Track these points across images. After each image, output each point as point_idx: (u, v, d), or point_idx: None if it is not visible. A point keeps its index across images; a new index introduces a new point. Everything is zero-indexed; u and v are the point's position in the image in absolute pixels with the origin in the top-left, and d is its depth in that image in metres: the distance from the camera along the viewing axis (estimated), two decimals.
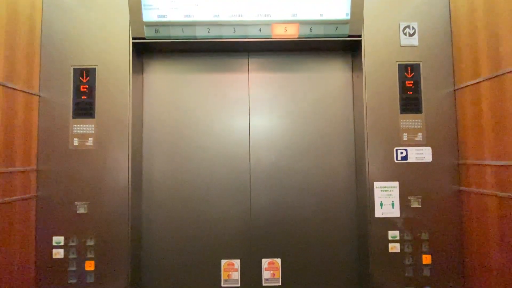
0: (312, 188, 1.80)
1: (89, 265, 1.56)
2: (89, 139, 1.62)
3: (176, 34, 1.62)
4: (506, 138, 1.36)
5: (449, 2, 1.69)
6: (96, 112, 1.63)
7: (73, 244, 1.58)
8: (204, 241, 1.77)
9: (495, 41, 1.41)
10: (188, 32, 1.62)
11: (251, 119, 1.82)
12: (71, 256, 1.57)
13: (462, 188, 1.62)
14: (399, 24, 1.68)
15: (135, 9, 1.58)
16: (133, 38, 1.65)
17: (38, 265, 1.56)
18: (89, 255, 1.58)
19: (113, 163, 1.62)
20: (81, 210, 1.59)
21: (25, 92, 1.53)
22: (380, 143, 1.65)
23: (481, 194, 1.49)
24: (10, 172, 1.44)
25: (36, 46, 1.62)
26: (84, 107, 1.63)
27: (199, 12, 1.60)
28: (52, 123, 1.62)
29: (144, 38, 1.64)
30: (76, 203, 1.59)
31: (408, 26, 1.67)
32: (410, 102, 1.66)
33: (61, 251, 1.57)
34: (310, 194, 1.80)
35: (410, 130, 1.66)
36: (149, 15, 1.59)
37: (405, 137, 1.66)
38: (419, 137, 1.66)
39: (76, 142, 1.62)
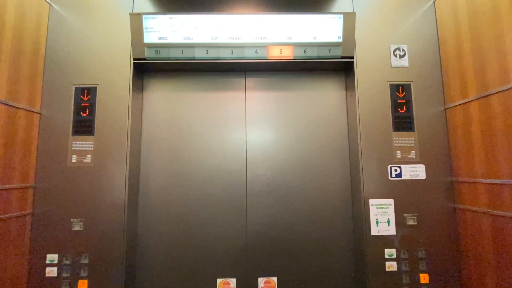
0: (308, 205, 1.80)
1: (82, 285, 1.54)
2: (88, 156, 1.64)
3: (176, 55, 1.68)
4: (496, 157, 1.39)
5: (436, 27, 1.77)
6: (95, 129, 1.66)
7: (67, 262, 1.56)
8: (199, 259, 1.75)
9: (481, 64, 1.47)
10: (187, 53, 1.68)
11: (248, 136, 1.86)
12: (64, 274, 1.55)
13: (457, 205, 1.63)
14: (389, 46, 1.75)
15: (137, 32, 1.66)
16: (134, 59, 1.71)
17: (31, 284, 1.54)
18: (82, 274, 1.56)
19: (110, 180, 1.63)
20: (76, 227, 1.58)
21: (27, 110, 1.57)
22: (374, 161, 1.68)
23: (475, 212, 1.50)
24: (8, 189, 1.45)
25: (40, 66, 1.67)
26: (84, 125, 1.66)
27: (198, 34, 1.67)
28: (51, 140, 1.65)
29: (144, 59, 1.70)
30: (72, 220, 1.59)
31: (398, 48, 1.75)
32: (403, 121, 1.70)
33: (55, 269, 1.55)
34: (307, 211, 1.80)
35: (404, 147, 1.69)
36: (150, 37, 1.66)
37: (398, 154, 1.69)
38: (412, 154, 1.69)
39: (74, 159, 1.64)
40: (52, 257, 1.56)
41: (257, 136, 1.86)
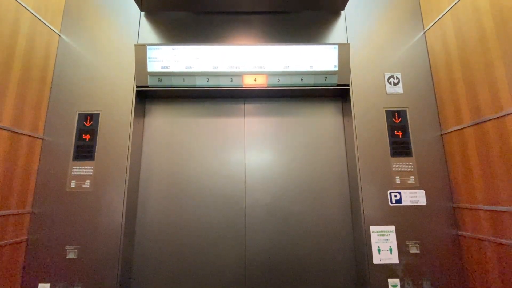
0: (309, 232, 1.77)
1: None
2: (87, 181, 1.64)
3: (178, 83, 1.74)
4: (495, 184, 1.38)
5: (428, 56, 1.84)
6: (96, 154, 1.68)
7: None
8: (197, 287, 1.69)
9: (473, 91, 1.51)
10: (188, 81, 1.74)
11: (246, 161, 1.87)
12: None
13: (460, 232, 1.59)
14: (384, 74, 1.81)
15: (141, 62, 1.73)
16: (137, 86, 1.77)
17: None
18: None
19: (108, 206, 1.62)
20: (71, 255, 1.55)
21: (30, 136, 1.60)
22: (373, 186, 1.67)
23: (480, 239, 1.47)
24: (5, 215, 1.44)
25: (46, 93, 1.73)
26: (85, 150, 1.68)
27: (200, 64, 1.74)
28: (52, 165, 1.66)
29: (147, 86, 1.76)
30: (67, 247, 1.56)
31: (392, 76, 1.81)
32: (400, 146, 1.72)
33: None
34: (307, 238, 1.76)
35: (403, 173, 1.69)
36: (153, 66, 1.73)
37: (397, 180, 1.68)
38: (412, 180, 1.68)
39: (73, 184, 1.64)
40: (44, 287, 1.51)
41: (256, 161, 1.87)
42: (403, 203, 1.65)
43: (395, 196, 1.66)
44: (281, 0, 1.78)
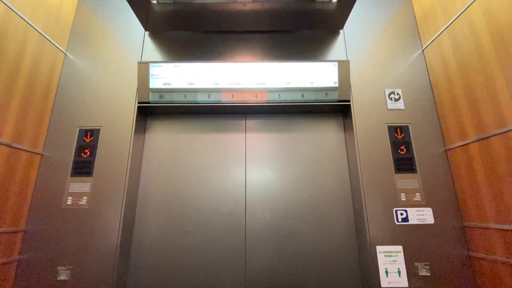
0: (312, 252, 1.69)
1: None
2: (84, 198, 1.61)
3: (179, 99, 1.76)
4: (505, 201, 1.33)
5: (428, 72, 1.86)
6: (94, 170, 1.66)
7: None
8: None
9: (476, 107, 1.50)
10: (190, 97, 1.75)
11: (247, 178, 1.83)
12: None
13: (472, 253, 1.51)
14: (384, 90, 1.82)
15: (144, 78, 1.76)
16: (139, 102, 1.78)
17: None
18: None
19: (104, 223, 1.57)
20: (62, 277, 1.47)
21: (29, 151, 1.59)
22: (378, 203, 1.61)
23: (492, 261, 1.39)
24: None
25: (48, 109, 1.74)
26: (83, 166, 1.66)
27: (201, 80, 1.76)
28: (49, 181, 1.63)
29: (149, 102, 1.77)
30: (58, 268, 1.49)
31: (393, 92, 1.81)
32: (404, 162, 1.68)
33: None
34: (310, 258, 1.68)
35: (408, 190, 1.64)
36: (155, 83, 1.76)
37: (403, 197, 1.63)
38: (418, 197, 1.63)
39: (69, 201, 1.60)
40: None
41: (257, 178, 1.83)
42: (410, 222, 1.58)
43: (401, 214, 1.60)
44: (281, 20, 1.83)
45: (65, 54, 1.88)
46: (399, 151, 1.70)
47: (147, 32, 1.96)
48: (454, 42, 1.64)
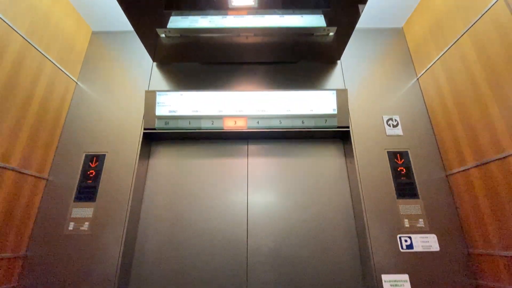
0: (315, 279, 1.64)
1: None
2: (85, 223, 1.61)
3: (184, 125, 1.81)
4: (509, 227, 1.32)
5: (424, 100, 1.92)
6: (97, 196, 1.67)
7: None
8: None
9: (473, 133, 1.54)
10: (194, 124, 1.81)
11: (249, 204, 1.83)
12: None
13: (480, 282, 1.47)
14: (382, 117, 1.88)
15: (150, 106, 1.83)
16: (145, 129, 1.84)
17: None
18: None
19: (104, 250, 1.55)
20: None
21: (35, 176, 1.62)
22: (382, 229, 1.60)
23: None
24: None
25: (56, 135, 1.80)
26: (87, 191, 1.68)
27: (205, 108, 1.83)
28: (52, 206, 1.65)
29: (154, 129, 1.83)
30: None
31: (391, 119, 1.87)
32: (406, 188, 1.69)
33: None
34: (313, 286, 1.63)
35: (411, 215, 1.63)
36: (161, 110, 1.83)
37: (406, 223, 1.62)
38: (421, 223, 1.61)
39: (71, 226, 1.60)
40: None
41: (258, 203, 1.83)
42: (415, 249, 1.56)
43: (406, 241, 1.58)
44: (281, 52, 1.94)
45: (76, 83, 1.98)
46: (400, 176, 1.72)
47: (155, 63, 2.07)
48: (447, 71, 1.72)
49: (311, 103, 1.83)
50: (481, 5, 1.47)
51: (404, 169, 1.73)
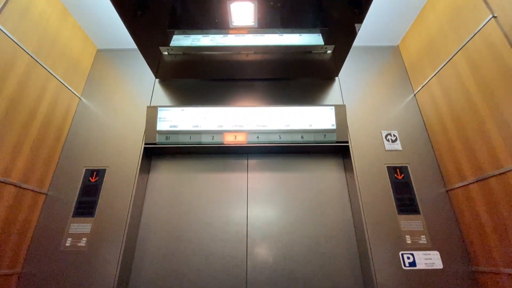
0: None
1: None
2: (83, 239, 1.59)
3: (184, 140, 1.83)
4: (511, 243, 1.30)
5: (421, 115, 1.95)
6: (96, 211, 1.66)
7: None
8: None
9: (471, 148, 1.55)
10: (194, 139, 1.83)
11: (249, 219, 1.81)
12: None
13: None
14: (381, 132, 1.89)
15: (152, 121, 1.86)
16: (146, 144, 1.85)
17: None
18: None
19: (101, 267, 1.52)
20: None
21: (34, 191, 1.62)
22: (383, 246, 1.57)
23: None
24: None
25: (58, 150, 1.81)
26: (86, 206, 1.67)
27: (206, 123, 1.86)
28: (50, 222, 1.63)
29: (155, 144, 1.85)
30: None
31: (390, 134, 1.88)
32: (406, 203, 1.68)
33: None
34: None
35: (413, 232, 1.61)
36: (162, 126, 1.85)
37: (408, 239, 1.59)
38: (423, 239, 1.59)
39: (68, 242, 1.58)
40: None
41: (258, 219, 1.81)
42: (418, 266, 1.53)
43: (408, 258, 1.55)
44: (280, 69, 1.99)
45: (80, 98, 2.02)
46: (400, 191, 1.71)
47: (157, 79, 2.12)
48: (443, 88, 1.75)
49: (310, 118, 1.86)
50: (472, 25, 1.52)
51: (404, 184, 1.73)
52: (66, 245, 1.57)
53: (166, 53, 1.81)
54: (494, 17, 1.39)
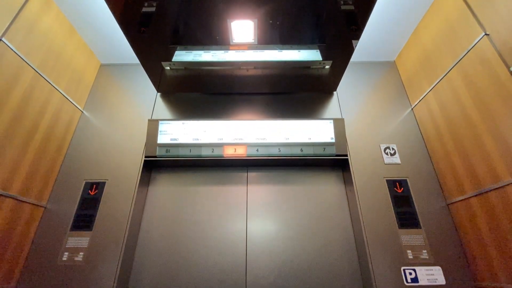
0: None
1: None
2: (80, 253, 1.56)
3: (184, 153, 1.84)
4: None
5: (419, 129, 1.97)
6: (94, 224, 1.65)
7: None
8: None
9: (469, 162, 1.56)
10: (195, 152, 1.84)
11: (248, 234, 1.79)
12: None
13: None
14: (379, 145, 1.91)
15: (152, 134, 1.88)
16: (146, 156, 1.86)
17: None
18: None
19: (97, 283, 1.49)
20: None
21: (33, 204, 1.61)
22: (385, 262, 1.55)
23: None
24: None
25: (58, 163, 1.82)
26: (85, 219, 1.66)
27: (206, 136, 1.87)
28: (48, 235, 1.62)
29: (155, 156, 1.85)
30: None
31: (388, 147, 1.90)
32: (407, 217, 1.67)
33: None
34: None
35: (414, 246, 1.59)
36: (162, 139, 1.87)
37: (410, 254, 1.57)
38: (425, 254, 1.57)
39: (65, 257, 1.56)
40: None
41: (258, 233, 1.80)
42: (420, 282, 1.50)
43: (410, 273, 1.52)
44: (280, 83, 2.03)
45: (82, 112, 2.05)
46: (401, 205, 1.70)
47: (159, 93, 2.16)
48: (440, 102, 1.78)
49: (309, 132, 1.88)
50: (466, 42, 1.57)
51: (404, 198, 1.72)
52: (63, 260, 1.55)
53: (168, 68, 1.85)
54: (486, 34, 1.44)
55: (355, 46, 1.68)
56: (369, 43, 2.11)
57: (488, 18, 1.44)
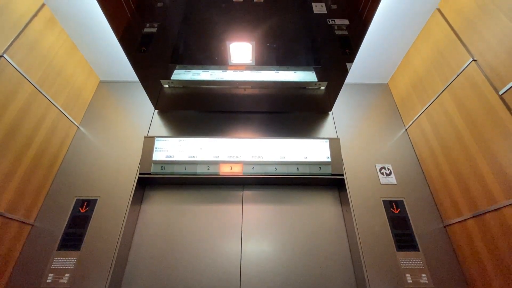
0: None
1: None
2: (66, 275, 1.49)
3: (179, 170, 1.82)
4: None
5: (414, 150, 1.99)
6: (83, 244, 1.58)
7: None
8: None
9: (463, 183, 1.56)
10: (190, 169, 1.83)
11: (243, 254, 1.73)
12: None
13: None
14: (375, 165, 1.92)
15: (148, 151, 1.86)
16: (140, 173, 1.83)
17: None
18: None
19: None
20: None
21: (20, 221, 1.56)
22: (383, 287, 1.50)
23: None
24: None
25: (50, 179, 1.78)
26: (73, 238, 1.60)
27: (202, 153, 1.87)
28: (32, 256, 1.54)
29: (150, 173, 1.83)
30: None
31: (384, 167, 1.90)
32: (404, 239, 1.64)
33: None
34: None
35: (413, 270, 1.55)
36: (158, 156, 1.85)
37: (409, 279, 1.53)
38: (424, 279, 1.53)
39: (50, 278, 1.48)
40: None
41: (253, 253, 1.74)
42: None
43: None
44: (276, 103, 2.07)
45: (78, 127, 2.04)
46: (398, 226, 1.68)
47: (156, 110, 2.17)
48: (432, 124, 1.82)
49: (305, 151, 1.89)
50: (455, 66, 1.63)
51: (401, 219, 1.70)
52: (47, 282, 1.47)
53: (166, 85, 1.88)
54: (474, 60, 1.50)
55: (349, 69, 1.73)
56: (363, 65, 2.19)
57: (475, 44, 1.51)
